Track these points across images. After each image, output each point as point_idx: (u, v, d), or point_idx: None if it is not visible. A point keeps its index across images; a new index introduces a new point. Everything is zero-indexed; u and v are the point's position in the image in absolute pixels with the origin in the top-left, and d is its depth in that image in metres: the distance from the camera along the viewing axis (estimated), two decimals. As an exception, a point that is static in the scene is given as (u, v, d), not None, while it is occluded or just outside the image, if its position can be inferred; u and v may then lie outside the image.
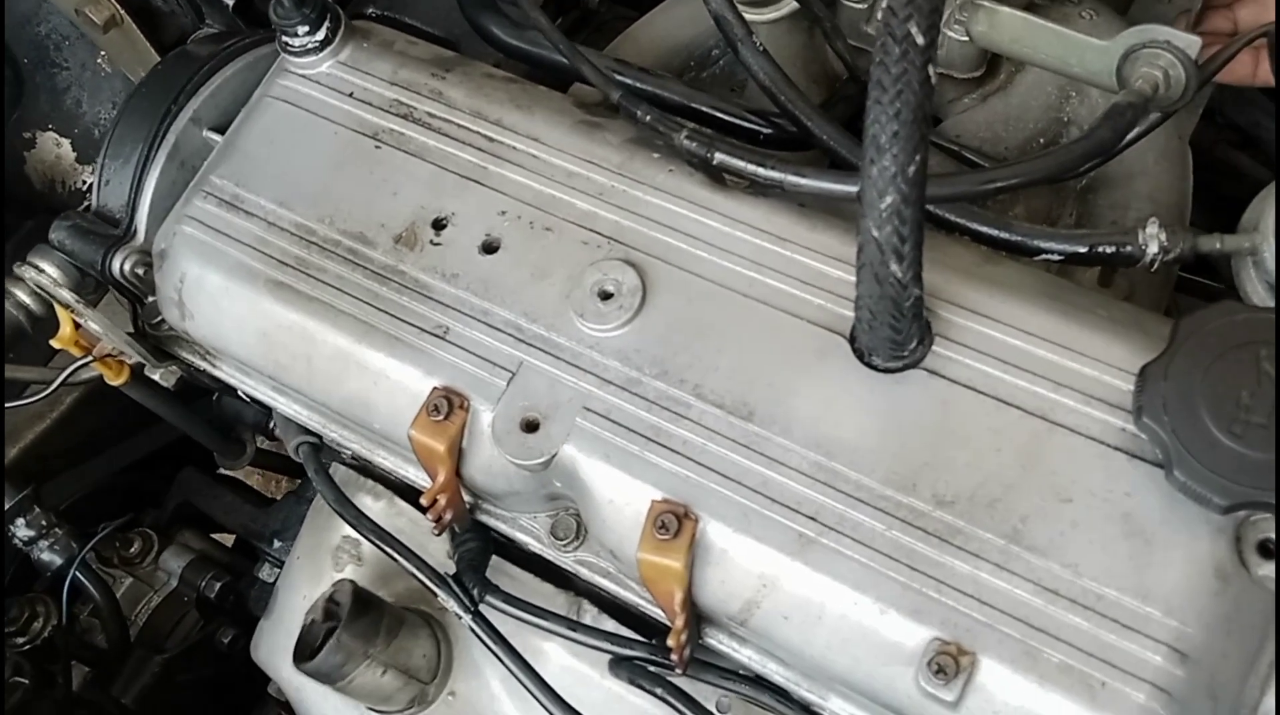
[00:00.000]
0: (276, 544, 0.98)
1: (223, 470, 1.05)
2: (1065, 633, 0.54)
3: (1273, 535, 0.54)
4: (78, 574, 0.85)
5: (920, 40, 0.52)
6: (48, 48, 1.09)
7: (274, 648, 0.86)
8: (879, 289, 0.56)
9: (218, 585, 0.97)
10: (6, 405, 0.87)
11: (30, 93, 1.11)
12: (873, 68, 0.53)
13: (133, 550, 0.97)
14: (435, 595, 0.71)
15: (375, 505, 0.86)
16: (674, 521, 0.59)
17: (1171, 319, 0.57)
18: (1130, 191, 0.79)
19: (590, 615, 0.76)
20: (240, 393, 0.82)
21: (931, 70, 0.53)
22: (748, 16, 0.79)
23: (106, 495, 0.95)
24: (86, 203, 0.99)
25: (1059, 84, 0.83)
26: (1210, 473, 0.52)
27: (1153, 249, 0.64)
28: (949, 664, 0.54)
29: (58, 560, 0.85)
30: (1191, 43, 0.66)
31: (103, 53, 1.09)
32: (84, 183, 1.14)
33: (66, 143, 1.13)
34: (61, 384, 0.86)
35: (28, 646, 0.88)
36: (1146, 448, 0.55)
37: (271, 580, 0.96)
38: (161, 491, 1.05)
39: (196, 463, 1.07)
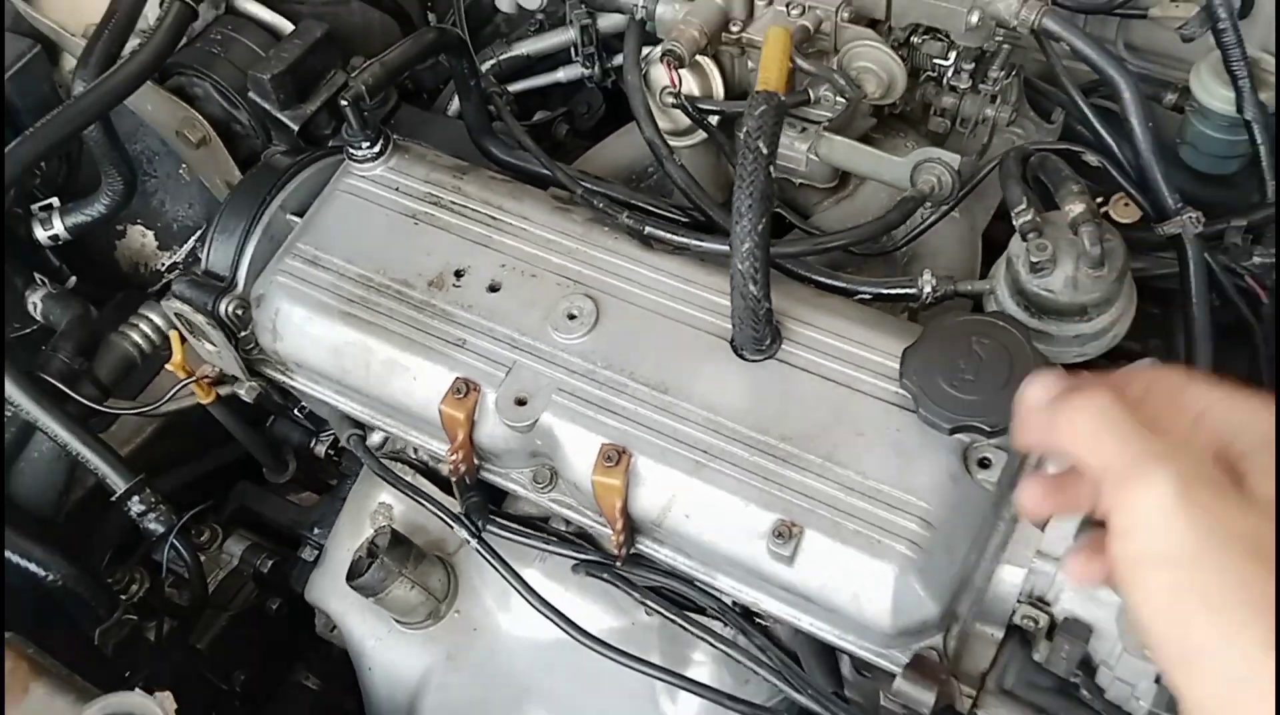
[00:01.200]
0: (316, 531, 1.28)
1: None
2: (857, 512, 0.86)
3: (987, 455, 0.88)
4: (175, 541, 1.15)
5: (764, 150, 0.87)
6: (142, 161, 1.40)
7: (324, 588, 1.15)
8: (743, 303, 0.90)
9: (270, 563, 1.27)
10: (132, 411, 1.17)
11: (128, 195, 1.44)
12: (737, 167, 0.88)
13: (204, 538, 1.27)
14: (450, 527, 1.02)
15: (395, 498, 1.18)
16: (615, 455, 0.91)
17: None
18: (935, 263, 1.14)
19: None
20: (304, 400, 1.14)
21: (771, 169, 0.88)
22: (671, 143, 1.16)
23: (184, 494, 1.24)
24: (189, 263, 1.32)
25: (890, 191, 1.19)
26: (940, 409, 0.85)
27: (926, 290, 0.99)
28: (785, 532, 0.86)
29: (160, 529, 1.14)
30: (951, 159, 1.02)
31: (184, 164, 1.41)
32: (162, 265, 1.45)
33: (150, 234, 1.45)
34: (170, 398, 1.18)
35: (129, 603, 1.17)
36: (907, 400, 0.88)
37: (311, 560, 1.26)
38: (221, 500, 1.35)
39: (248, 477, 1.37)
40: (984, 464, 0.88)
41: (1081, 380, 0.64)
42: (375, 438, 1.16)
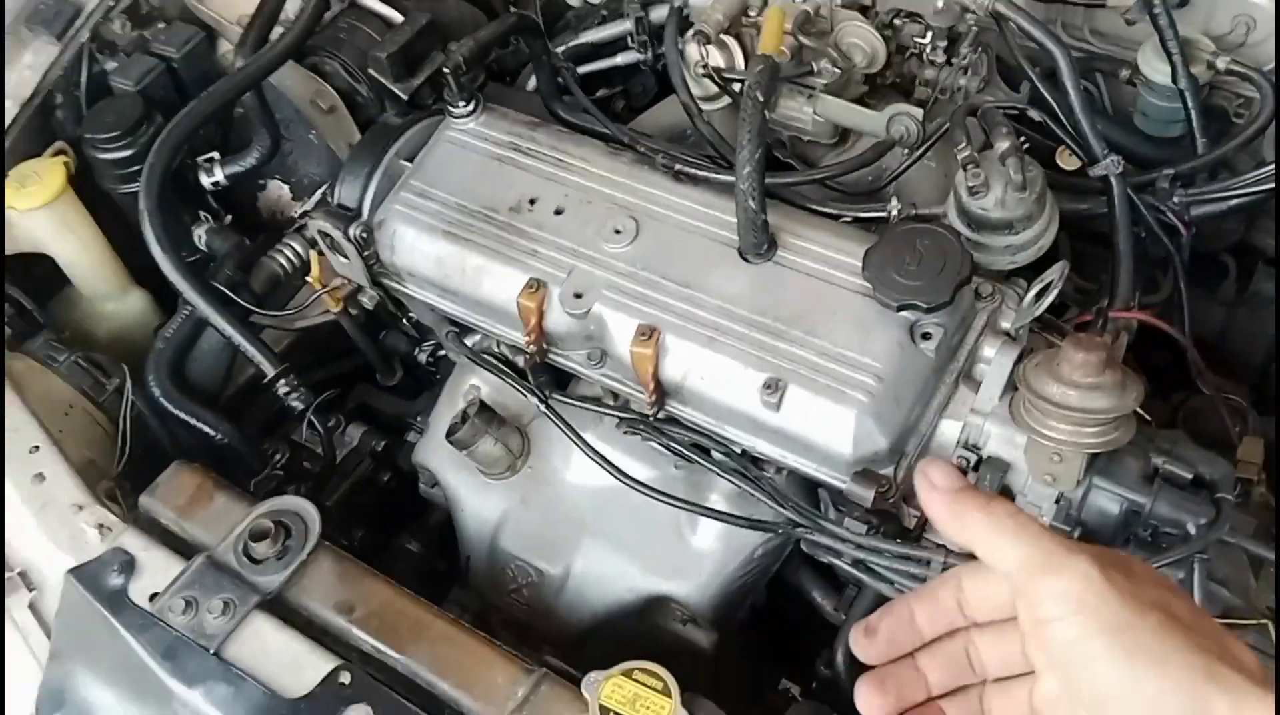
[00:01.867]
0: (419, 419, 1.60)
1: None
2: (828, 371, 1.14)
3: (929, 330, 1.15)
4: (311, 416, 1.47)
5: (760, 98, 1.16)
6: (280, 126, 1.74)
7: (427, 449, 1.46)
8: (745, 216, 1.19)
9: (383, 443, 1.59)
10: (284, 317, 1.50)
11: (269, 154, 1.77)
12: (740, 110, 1.17)
13: (331, 423, 1.59)
14: (525, 396, 1.32)
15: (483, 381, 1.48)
16: (648, 332, 1.20)
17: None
18: (913, 198, 1.41)
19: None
20: (412, 307, 1.45)
21: (766, 112, 1.16)
22: (703, 106, 1.45)
23: (317, 389, 1.55)
24: (323, 202, 1.64)
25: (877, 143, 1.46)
26: (890, 292, 1.13)
27: (893, 213, 1.27)
28: (773, 386, 1.14)
29: (300, 406, 1.46)
30: (917, 113, 1.30)
31: (314, 130, 1.73)
32: (295, 213, 1.78)
33: (286, 187, 1.77)
34: (309, 306, 1.50)
35: (279, 465, 1.50)
36: (870, 289, 1.16)
37: (414, 442, 1.57)
38: (344, 397, 1.68)
39: (365, 380, 1.70)
40: (926, 336, 1.15)
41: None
42: (469, 340, 1.47)
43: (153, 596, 1.15)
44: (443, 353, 1.57)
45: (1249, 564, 1.19)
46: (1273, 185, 1.35)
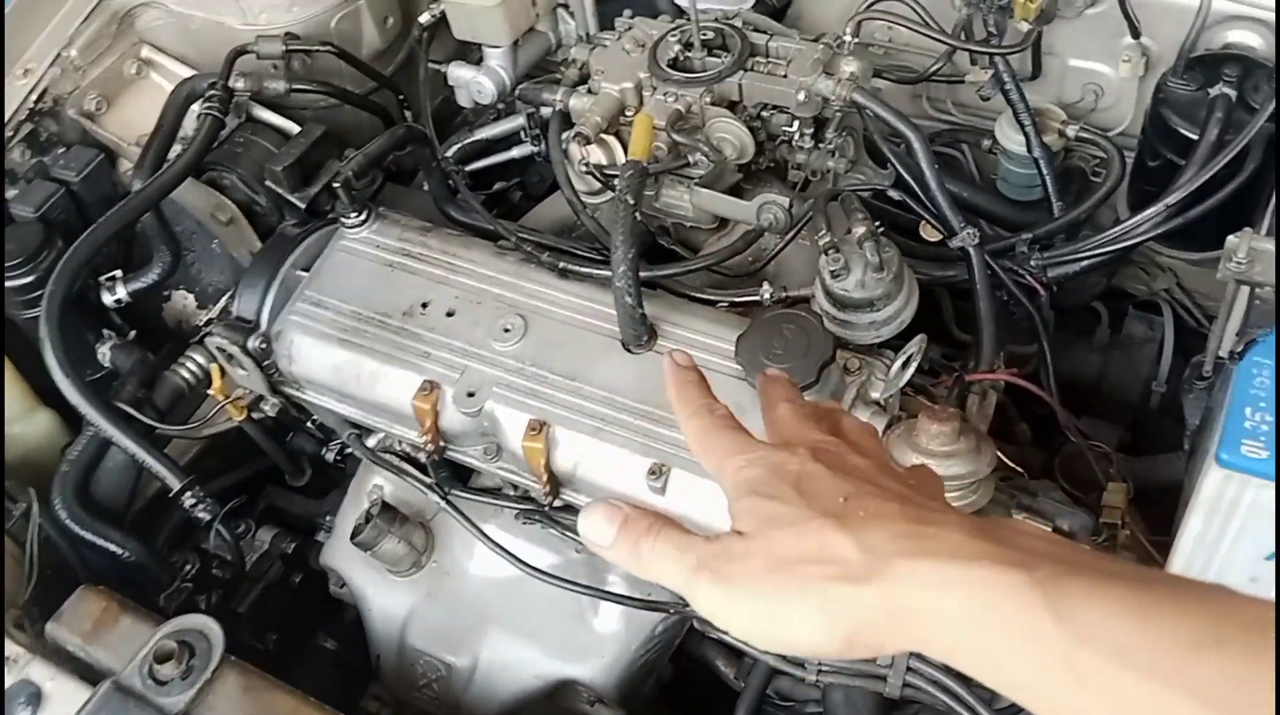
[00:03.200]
0: (327, 519, 1.62)
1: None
2: (708, 453, 1.20)
3: (802, 409, 1.21)
4: (218, 526, 1.49)
5: (631, 201, 1.23)
6: (183, 238, 1.77)
7: (333, 551, 1.49)
8: (623, 311, 1.25)
9: (293, 545, 1.61)
10: (188, 430, 1.53)
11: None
12: (613, 214, 1.23)
13: (240, 529, 1.61)
14: (426, 495, 1.36)
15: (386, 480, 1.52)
16: (538, 426, 1.25)
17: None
18: (789, 279, 1.48)
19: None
20: (314, 411, 1.49)
21: (637, 214, 1.23)
22: (587, 201, 1.52)
23: (224, 496, 1.58)
24: (223, 314, 1.68)
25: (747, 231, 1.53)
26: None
27: (766, 296, 1.34)
28: (658, 471, 1.20)
29: (207, 517, 1.48)
30: (784, 201, 1.37)
31: (216, 240, 1.77)
32: (200, 321, 1.80)
33: (191, 297, 1.80)
34: (212, 417, 1.53)
35: (188, 577, 1.52)
36: (742, 372, 1.22)
37: (325, 541, 1.60)
38: (253, 501, 1.70)
39: (274, 482, 1.72)
40: (799, 415, 1.22)
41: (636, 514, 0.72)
42: (370, 440, 1.50)
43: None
44: (349, 451, 1.60)
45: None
46: (1120, 246, 1.43)
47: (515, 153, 1.90)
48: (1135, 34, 1.54)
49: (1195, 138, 1.40)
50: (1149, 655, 0.55)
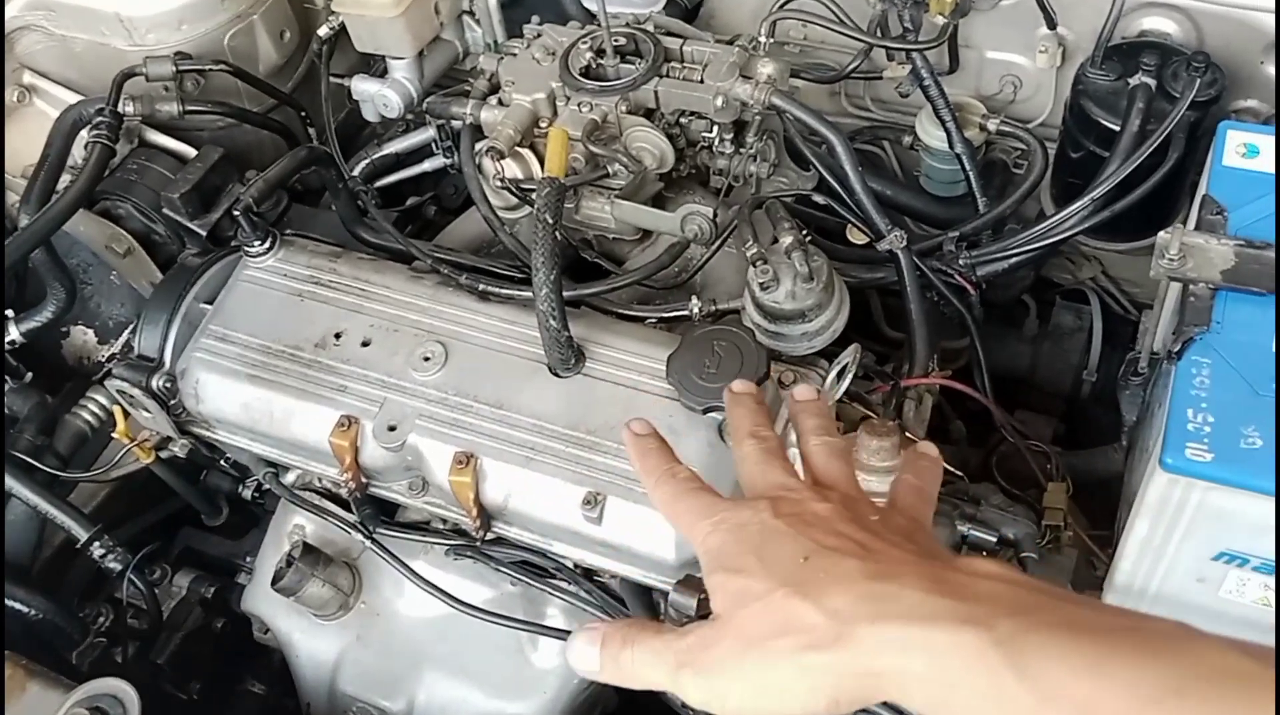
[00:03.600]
0: (248, 559, 1.55)
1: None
2: (643, 479, 1.15)
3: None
4: (131, 576, 1.41)
5: (550, 220, 1.18)
6: (79, 272, 1.66)
7: (256, 597, 1.41)
8: (548, 334, 1.20)
9: (213, 589, 1.54)
10: (94, 476, 1.44)
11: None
12: (532, 234, 1.18)
13: (155, 575, 1.53)
14: (350, 534, 1.30)
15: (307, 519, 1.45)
16: (465, 459, 1.20)
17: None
18: (718, 289, 1.44)
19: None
20: (226, 450, 1.42)
21: (558, 233, 1.18)
22: (504, 217, 1.46)
23: (137, 541, 1.50)
24: (125, 351, 1.59)
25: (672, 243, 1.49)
26: (694, 396, 1.15)
27: (695, 310, 1.30)
28: (593, 500, 1.15)
29: (119, 567, 1.40)
30: (708, 211, 1.33)
31: (114, 271, 1.68)
32: (102, 356, 1.71)
33: (90, 332, 1.70)
34: (118, 462, 1.45)
35: (102, 630, 1.44)
36: (674, 392, 1.18)
37: (246, 583, 1.53)
38: (168, 544, 1.62)
39: (189, 524, 1.64)
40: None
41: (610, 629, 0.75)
42: (289, 476, 1.43)
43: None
44: (267, 487, 1.53)
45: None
46: (1049, 241, 1.42)
47: (427, 165, 1.84)
48: (1051, 24, 1.53)
49: (1117, 128, 1.39)
50: (1110, 711, 0.56)
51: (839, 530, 0.73)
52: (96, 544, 1.39)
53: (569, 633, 1.26)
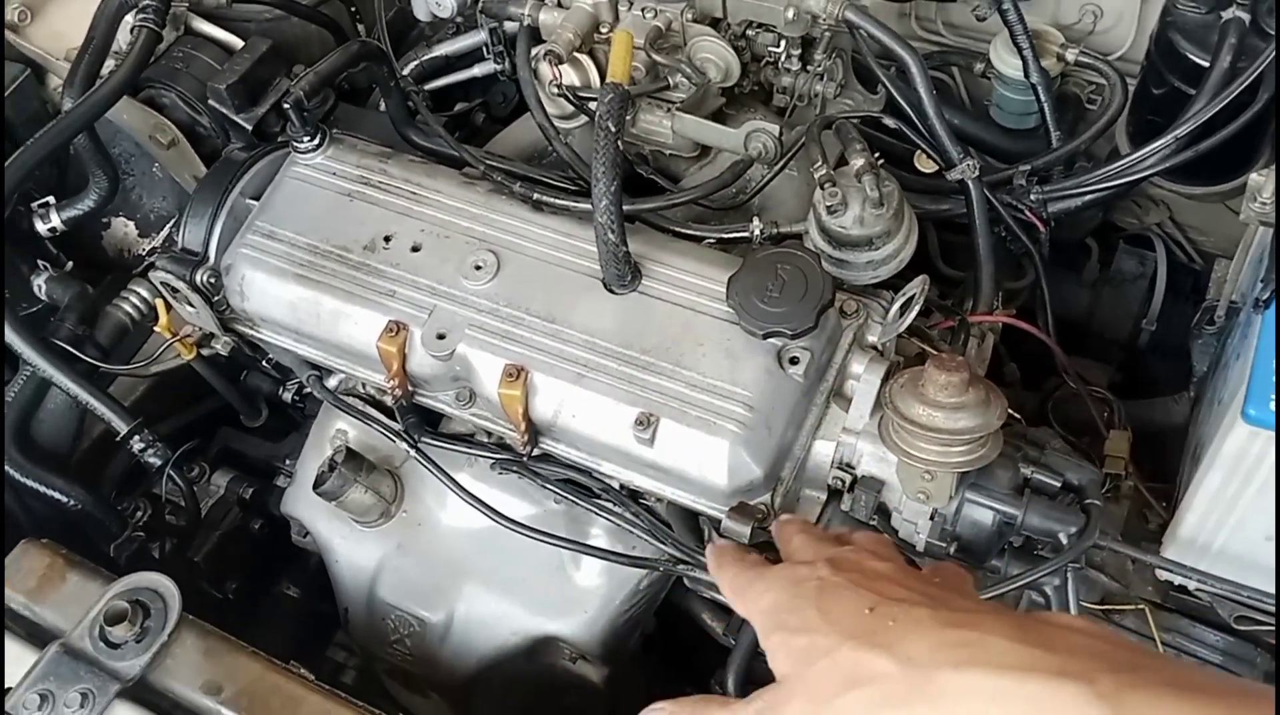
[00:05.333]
0: (287, 462, 1.54)
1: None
2: (698, 402, 1.12)
3: (796, 354, 1.14)
4: (170, 472, 1.40)
5: (612, 128, 1.13)
6: (121, 162, 1.63)
7: (296, 500, 1.40)
8: (605, 248, 1.16)
9: (251, 490, 1.53)
10: (133, 370, 1.42)
11: (111, 192, 1.68)
12: (594, 143, 1.14)
13: (194, 473, 1.52)
14: (394, 442, 1.28)
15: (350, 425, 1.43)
16: (515, 372, 1.17)
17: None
18: (778, 213, 1.40)
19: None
20: (269, 350, 1.39)
21: (619, 142, 1.13)
22: (561, 125, 1.42)
23: (176, 439, 1.48)
24: (167, 245, 1.57)
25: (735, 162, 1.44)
26: (755, 320, 1.11)
27: (756, 233, 1.26)
28: (645, 421, 1.12)
29: (158, 462, 1.39)
30: (774, 129, 1.28)
31: (157, 163, 1.65)
32: (143, 250, 1.69)
33: (131, 224, 1.68)
34: (159, 356, 1.43)
35: (140, 525, 1.43)
36: (734, 315, 1.15)
37: (284, 486, 1.52)
38: (207, 444, 1.61)
39: (228, 424, 1.63)
40: (794, 361, 1.14)
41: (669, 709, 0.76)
42: (332, 380, 1.41)
43: (6, 692, 1.08)
44: (308, 390, 1.51)
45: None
46: (1125, 180, 1.36)
47: (477, 70, 1.78)
48: (1141, -48, 1.45)
49: (1205, 64, 1.32)
50: None
51: (901, 582, 0.71)
52: (136, 438, 1.38)
53: (612, 553, 1.25)
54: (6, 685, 1.10)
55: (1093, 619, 0.72)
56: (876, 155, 1.18)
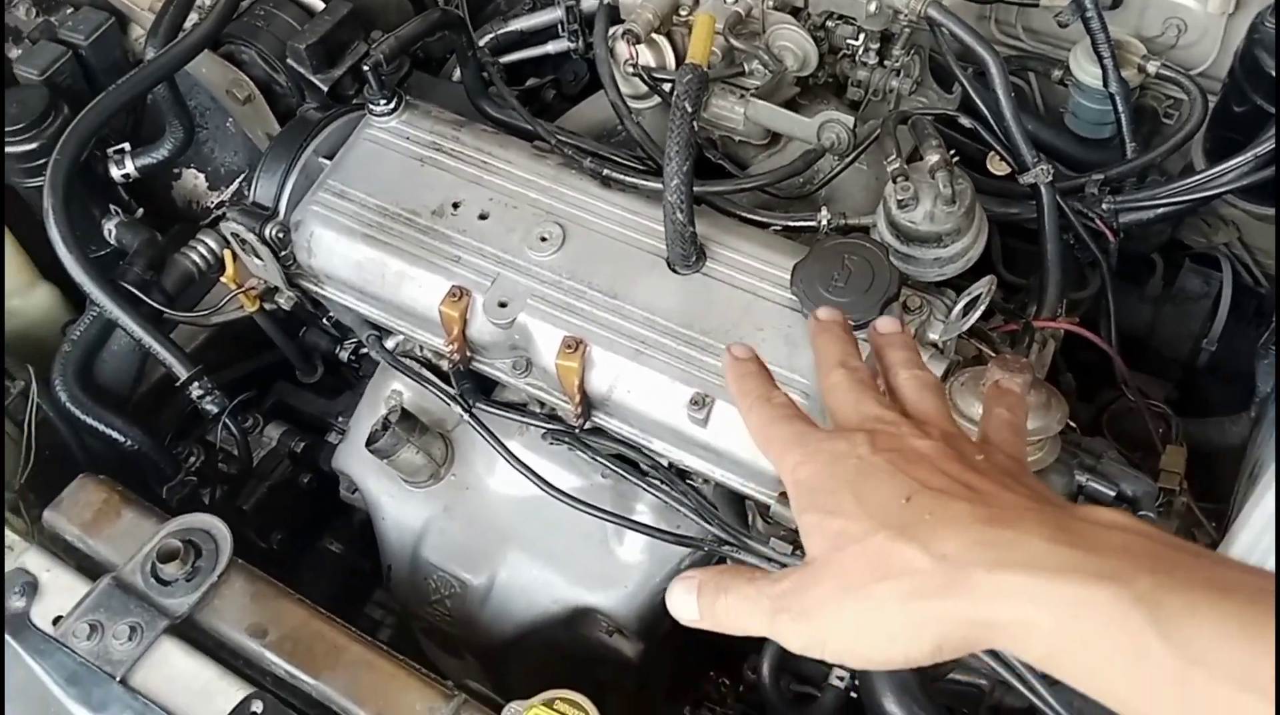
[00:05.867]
0: (339, 419, 1.56)
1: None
2: (755, 386, 1.13)
3: (857, 345, 1.14)
4: (226, 420, 1.42)
5: (689, 109, 1.13)
6: (195, 114, 1.66)
7: (347, 455, 1.43)
8: (673, 228, 1.16)
9: (302, 444, 1.55)
10: (196, 317, 1.45)
11: (183, 144, 1.71)
12: (669, 121, 1.14)
13: (248, 423, 1.55)
14: (448, 405, 1.29)
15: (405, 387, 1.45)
16: (574, 344, 1.18)
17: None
18: (844, 205, 1.40)
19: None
20: (331, 308, 1.41)
21: (695, 123, 1.14)
22: (633, 105, 1.42)
23: (231, 389, 1.50)
24: (237, 199, 1.59)
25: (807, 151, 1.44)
26: (816, 307, 1.11)
27: (823, 222, 1.25)
28: (701, 401, 1.13)
29: (214, 410, 1.42)
30: (848, 120, 1.28)
31: (231, 118, 1.67)
32: (211, 203, 1.72)
33: (202, 177, 1.71)
34: (224, 305, 1.45)
35: (192, 470, 1.46)
36: (797, 303, 1.15)
37: (335, 443, 1.54)
38: (261, 396, 1.63)
39: (283, 378, 1.65)
40: (853, 352, 1.14)
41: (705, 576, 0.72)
42: (390, 342, 1.42)
43: (56, 620, 1.11)
44: (365, 351, 1.53)
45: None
46: (1199, 195, 1.35)
47: (550, 47, 1.79)
48: (1230, -33, 1.43)
49: (1291, 84, 1.30)
50: (1268, 677, 0.52)
51: (943, 469, 0.68)
52: (196, 384, 1.40)
53: (657, 529, 1.26)
54: (57, 614, 1.13)
55: (1133, 516, 0.69)
56: (952, 153, 1.17)
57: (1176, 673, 0.54)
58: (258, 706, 1.03)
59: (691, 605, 0.71)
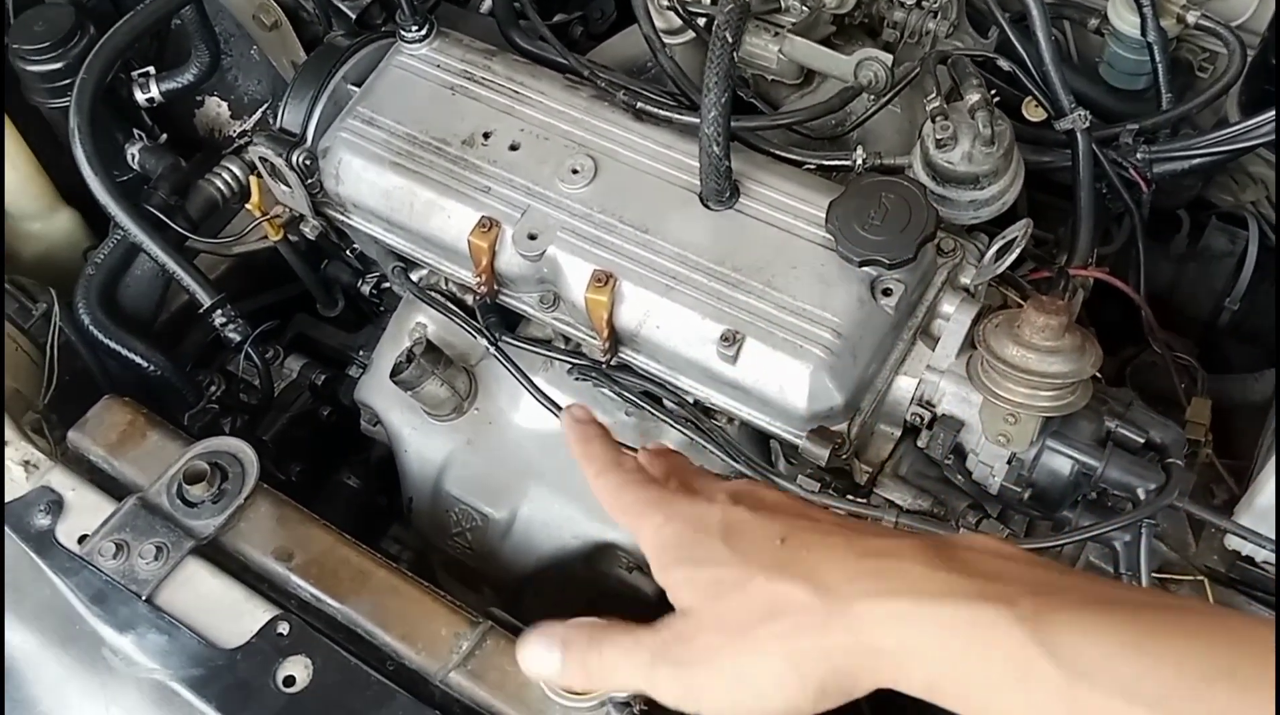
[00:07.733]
0: (360, 353, 1.55)
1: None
2: (786, 324, 1.12)
3: (890, 286, 1.13)
4: (249, 349, 1.41)
5: (729, 40, 1.12)
6: (220, 41, 1.65)
7: (370, 387, 1.42)
8: (708, 161, 1.15)
9: (323, 377, 1.55)
10: (218, 244, 1.44)
11: (207, 70, 1.68)
12: (709, 52, 1.12)
13: (269, 354, 1.54)
14: (474, 337, 1.29)
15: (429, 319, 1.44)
16: (604, 278, 1.17)
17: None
18: (876, 146, 1.38)
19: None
20: (357, 239, 1.40)
21: (734, 55, 1.12)
22: (666, 39, 1.40)
23: (253, 319, 1.49)
24: (261, 126, 1.57)
25: (843, 89, 1.43)
26: (853, 246, 1.10)
27: (858, 162, 1.24)
28: (730, 338, 1.12)
29: (237, 338, 1.41)
30: (886, 58, 1.26)
31: (255, 45, 1.65)
32: (234, 131, 1.70)
33: (225, 105, 1.69)
34: (248, 233, 1.44)
35: (214, 398, 1.45)
36: (832, 242, 1.14)
37: (356, 376, 1.53)
38: (282, 327, 1.62)
39: (304, 311, 1.65)
40: (887, 292, 1.13)
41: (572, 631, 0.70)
42: (415, 274, 1.41)
43: (81, 539, 1.11)
44: (387, 285, 1.52)
45: (1188, 523, 1.21)
46: (1235, 147, 1.33)
47: (579, -20, 1.77)
48: (1276, -85, 1.41)
49: (1336, 36, 1.28)
50: (1157, 690, 0.53)
51: (806, 514, 0.68)
52: (219, 312, 1.39)
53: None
54: (83, 533, 1.13)
55: (1007, 541, 0.69)
56: (993, 93, 1.16)
57: (1063, 689, 0.54)
58: (284, 628, 1.03)
59: (552, 661, 0.68)
